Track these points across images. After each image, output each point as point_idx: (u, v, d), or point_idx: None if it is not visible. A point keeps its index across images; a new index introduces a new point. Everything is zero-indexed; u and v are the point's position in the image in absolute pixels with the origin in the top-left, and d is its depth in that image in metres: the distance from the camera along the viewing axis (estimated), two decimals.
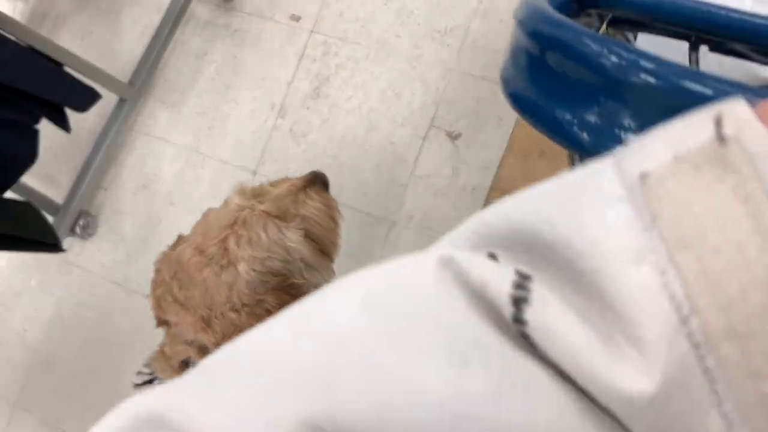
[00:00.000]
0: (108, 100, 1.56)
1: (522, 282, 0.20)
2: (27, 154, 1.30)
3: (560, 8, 0.36)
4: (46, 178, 1.68)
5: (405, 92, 1.43)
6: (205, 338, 0.83)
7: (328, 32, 1.52)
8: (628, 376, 0.18)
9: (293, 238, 0.89)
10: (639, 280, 0.18)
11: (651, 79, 0.27)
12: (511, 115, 1.35)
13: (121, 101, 1.59)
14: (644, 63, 0.28)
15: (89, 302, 1.61)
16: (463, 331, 0.20)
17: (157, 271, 0.91)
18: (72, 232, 1.60)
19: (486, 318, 0.20)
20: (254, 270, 0.83)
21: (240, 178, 1.52)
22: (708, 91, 0.26)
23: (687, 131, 0.19)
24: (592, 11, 0.39)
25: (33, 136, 1.30)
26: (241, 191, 0.91)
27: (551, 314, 0.19)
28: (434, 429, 0.19)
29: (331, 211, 0.98)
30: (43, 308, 1.64)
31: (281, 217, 0.89)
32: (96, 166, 1.59)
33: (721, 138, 0.18)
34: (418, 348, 0.20)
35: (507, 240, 0.22)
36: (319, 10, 1.55)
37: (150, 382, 0.92)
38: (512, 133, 1.34)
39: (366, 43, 1.49)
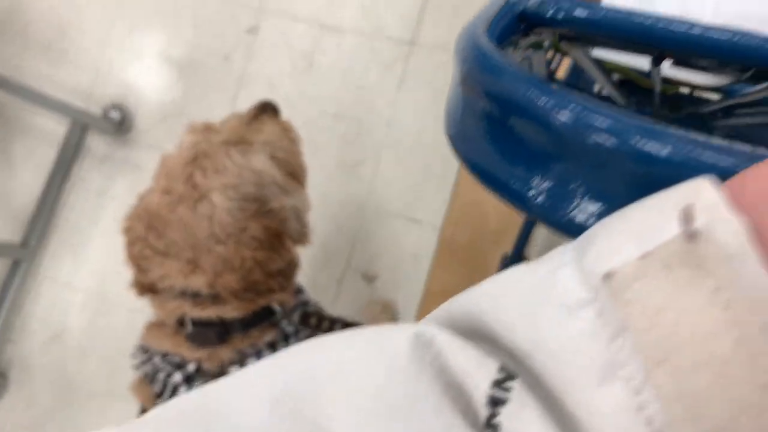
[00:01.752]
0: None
1: (504, 381, 0.18)
2: None
3: (507, 30, 0.34)
4: None
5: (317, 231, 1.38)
6: (197, 281, 0.79)
7: None
8: None
9: (260, 159, 0.84)
10: (610, 403, 0.16)
11: (606, 140, 0.23)
12: (428, 251, 1.32)
13: (16, 263, 1.49)
14: (599, 121, 0.24)
15: None
16: (431, 425, 0.18)
17: (128, 229, 0.85)
18: None
19: (459, 415, 0.18)
20: (229, 198, 0.79)
21: None
22: (676, 157, 0.22)
23: (652, 222, 0.17)
24: (543, 29, 0.36)
25: None
26: (192, 129, 0.86)
27: (527, 423, 0.17)
28: None
29: (289, 133, 0.94)
30: None
31: (239, 143, 0.84)
32: (5, 309, 1.49)
33: (689, 234, 0.16)
34: None
35: (476, 333, 0.19)
36: None
37: (148, 359, 0.86)
38: (430, 271, 1.31)
39: None
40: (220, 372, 0.82)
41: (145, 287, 0.85)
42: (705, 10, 0.36)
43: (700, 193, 0.17)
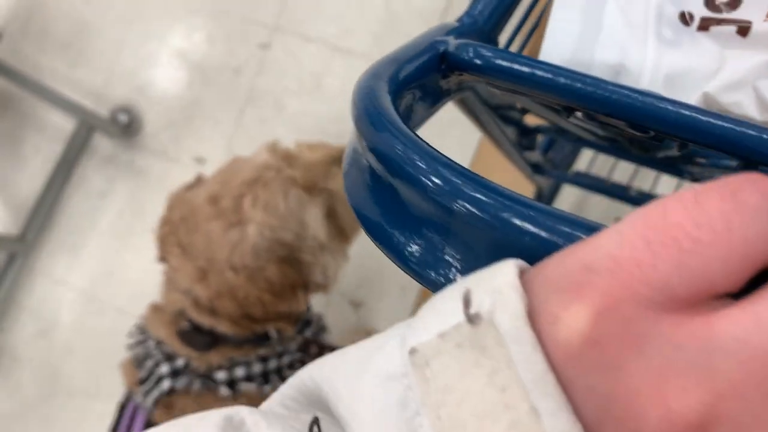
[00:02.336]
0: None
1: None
2: None
3: (426, 67, 0.34)
4: None
5: None
6: (200, 290, 0.80)
7: None
8: None
9: (313, 213, 0.83)
10: None
11: (473, 210, 0.24)
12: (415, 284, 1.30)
13: (12, 256, 1.51)
14: (468, 190, 0.24)
15: None
16: None
17: (169, 208, 0.86)
18: None
19: None
20: (262, 235, 0.78)
21: None
22: (539, 231, 0.22)
23: (452, 302, 0.18)
24: (463, 73, 0.36)
25: None
26: (272, 148, 0.86)
27: None
28: None
29: None
30: None
31: (308, 187, 0.84)
32: None
33: (470, 317, 0.17)
34: None
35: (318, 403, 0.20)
36: (224, 154, 1.48)
37: (143, 341, 0.87)
38: (415, 304, 1.30)
39: None
40: (208, 373, 0.83)
41: (163, 258, 0.87)
42: (646, 62, 0.35)
43: (497, 275, 0.17)
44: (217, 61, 1.54)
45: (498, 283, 0.17)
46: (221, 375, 0.83)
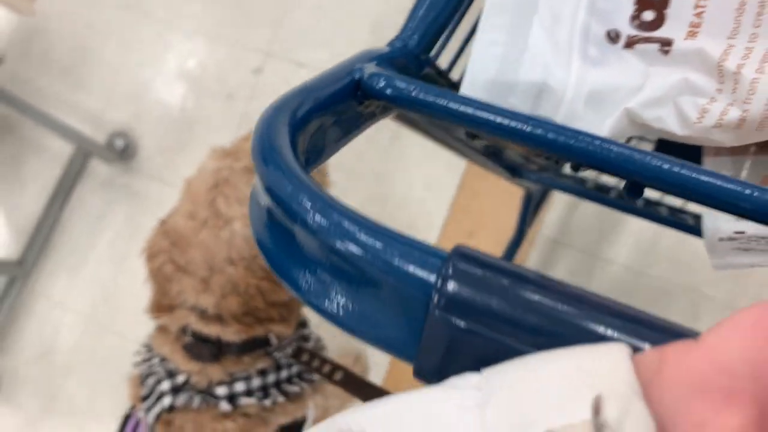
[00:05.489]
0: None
1: None
2: None
3: (342, 93, 0.34)
4: None
5: None
6: (206, 300, 0.84)
7: None
8: None
9: None
10: None
11: (355, 250, 0.24)
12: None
13: (12, 280, 1.54)
14: (349, 227, 0.24)
15: None
16: None
17: (153, 245, 0.89)
18: None
19: None
20: (248, 226, 0.82)
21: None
22: (425, 275, 0.23)
23: (567, 397, 0.17)
24: (374, 101, 0.36)
25: None
26: (214, 154, 0.91)
27: None
28: None
29: None
30: None
31: None
32: None
33: (597, 425, 0.16)
34: None
35: None
36: None
37: (148, 359, 0.91)
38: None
39: None
40: (208, 389, 0.87)
41: (163, 308, 0.89)
42: (569, 80, 0.36)
43: (616, 373, 0.17)
44: (212, 86, 1.59)
45: (624, 385, 0.16)
46: (221, 390, 0.86)
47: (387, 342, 0.26)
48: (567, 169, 0.77)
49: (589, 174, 0.78)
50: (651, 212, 0.75)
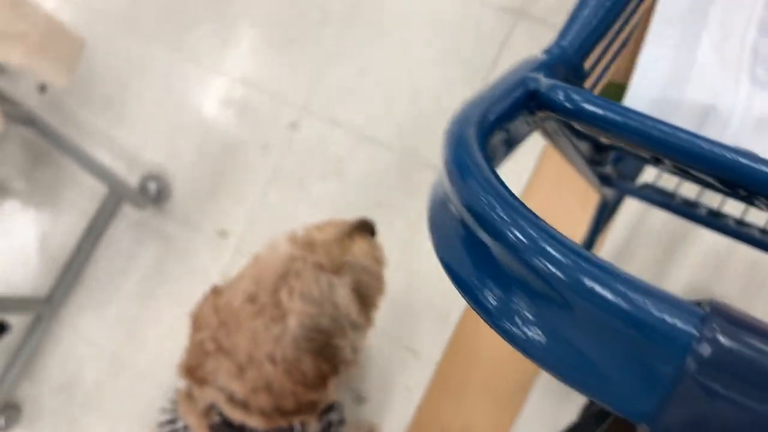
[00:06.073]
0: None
1: None
2: None
3: (517, 104, 0.34)
4: None
5: None
6: (237, 386, 0.84)
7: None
8: None
9: (343, 293, 0.88)
10: None
11: (552, 269, 0.23)
12: (421, 385, 1.33)
13: (39, 317, 1.58)
14: (546, 246, 0.23)
15: None
16: None
17: (199, 317, 0.90)
18: None
19: None
20: (303, 325, 0.83)
21: (156, 395, 1.51)
22: (616, 299, 0.22)
23: None
24: (548, 113, 0.36)
25: None
26: (293, 239, 0.91)
27: None
28: None
29: (377, 254, 0.97)
30: None
31: (332, 268, 0.88)
32: (24, 356, 1.59)
33: None
34: None
35: None
36: (246, 230, 1.53)
37: (173, 421, 0.92)
38: (420, 405, 1.32)
39: None
40: None
41: (195, 376, 0.89)
42: (737, 104, 0.34)
43: None
44: (248, 135, 1.58)
45: None
46: None
47: (605, 391, 0.24)
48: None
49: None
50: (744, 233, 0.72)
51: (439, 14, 1.49)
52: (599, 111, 0.32)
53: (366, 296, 0.94)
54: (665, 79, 0.36)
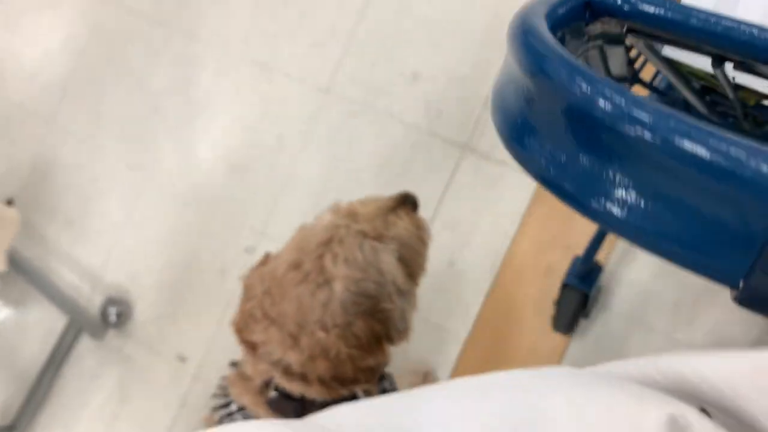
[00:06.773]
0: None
1: None
2: None
3: (569, 15, 0.35)
4: None
5: None
6: (292, 357, 0.83)
7: (212, 379, 1.51)
8: None
9: (387, 260, 0.88)
10: None
11: (644, 133, 0.24)
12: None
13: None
14: (637, 113, 0.24)
15: None
16: None
17: (248, 286, 0.91)
18: None
19: None
20: (349, 290, 0.83)
21: None
22: (707, 154, 0.23)
23: None
24: (607, 19, 0.37)
25: None
26: (335, 209, 0.92)
27: None
28: None
29: (421, 232, 0.97)
30: None
31: (376, 237, 0.89)
32: None
33: None
34: None
35: (710, 400, 0.21)
36: (205, 355, 1.54)
37: (226, 405, 0.90)
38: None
39: None
40: None
41: (246, 340, 0.89)
42: None
43: None
44: (206, 259, 1.60)
45: None
46: None
47: (698, 257, 0.24)
48: None
49: None
50: None
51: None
52: (656, 9, 0.33)
53: (409, 270, 0.94)
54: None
